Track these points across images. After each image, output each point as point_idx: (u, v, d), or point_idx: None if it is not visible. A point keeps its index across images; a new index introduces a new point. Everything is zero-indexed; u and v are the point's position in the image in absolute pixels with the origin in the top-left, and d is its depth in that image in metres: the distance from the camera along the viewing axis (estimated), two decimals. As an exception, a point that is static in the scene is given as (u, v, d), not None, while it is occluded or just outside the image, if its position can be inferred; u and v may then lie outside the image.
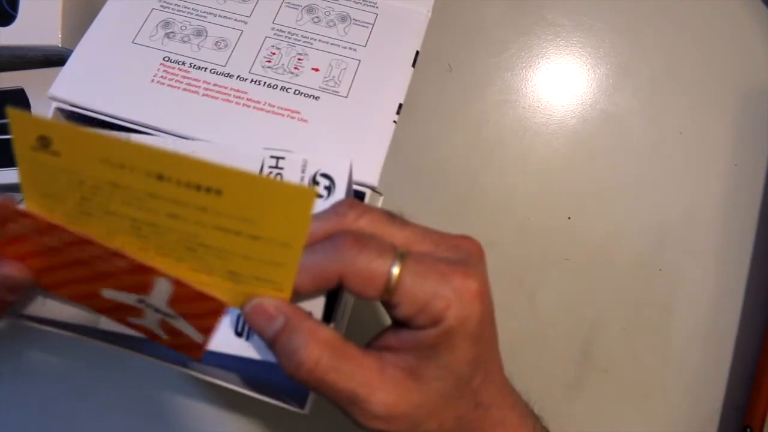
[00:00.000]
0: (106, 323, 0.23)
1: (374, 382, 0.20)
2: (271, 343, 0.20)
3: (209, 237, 0.19)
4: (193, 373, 0.25)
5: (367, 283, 0.19)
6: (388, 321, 0.22)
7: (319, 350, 0.20)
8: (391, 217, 0.21)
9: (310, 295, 0.21)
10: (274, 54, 0.28)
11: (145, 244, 0.19)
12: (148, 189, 0.18)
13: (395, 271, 0.19)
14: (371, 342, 0.22)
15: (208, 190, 0.17)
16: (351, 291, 0.20)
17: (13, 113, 0.16)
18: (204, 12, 0.29)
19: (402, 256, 0.19)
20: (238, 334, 0.22)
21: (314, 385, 0.20)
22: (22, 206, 0.19)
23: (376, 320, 0.36)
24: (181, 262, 0.20)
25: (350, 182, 0.23)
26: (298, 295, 0.21)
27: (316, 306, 0.21)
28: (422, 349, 0.20)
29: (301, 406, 0.25)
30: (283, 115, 0.27)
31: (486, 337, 0.21)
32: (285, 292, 0.20)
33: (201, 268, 0.20)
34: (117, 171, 0.17)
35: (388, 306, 0.20)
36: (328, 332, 0.20)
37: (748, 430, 0.36)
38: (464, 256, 0.21)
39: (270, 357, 0.21)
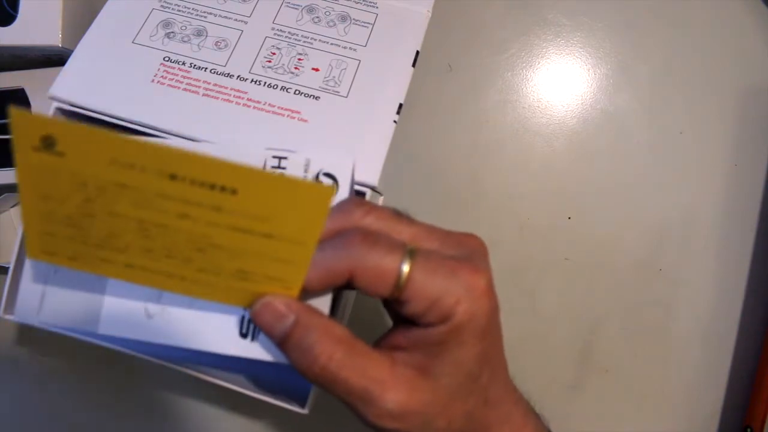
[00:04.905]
0: (105, 328, 0.23)
1: (386, 379, 0.20)
2: (282, 341, 0.20)
3: (221, 237, 0.18)
4: (194, 373, 0.25)
5: (378, 279, 0.19)
6: (388, 321, 0.22)
7: (333, 346, 0.19)
8: (398, 214, 0.21)
9: (319, 292, 0.21)
10: (274, 54, 0.28)
11: (151, 246, 0.19)
12: (158, 189, 0.17)
13: (405, 267, 0.19)
14: (378, 342, 0.22)
15: (223, 189, 0.17)
16: (361, 288, 0.20)
17: (15, 112, 0.15)
18: (204, 12, 0.29)
19: (411, 252, 0.19)
20: (243, 335, 0.22)
21: (327, 381, 0.20)
22: (17, 209, 0.19)
23: (376, 320, 0.36)
24: (189, 263, 0.19)
25: (353, 181, 0.23)
26: (306, 293, 0.21)
27: (322, 304, 0.21)
28: (431, 346, 0.20)
29: (302, 406, 0.25)
30: (283, 115, 0.27)
31: (493, 333, 0.21)
32: (294, 290, 0.20)
33: (209, 268, 0.19)
34: (126, 171, 0.17)
35: (397, 303, 0.20)
36: (340, 329, 0.20)
37: (748, 430, 0.36)
38: (469, 252, 0.21)
39: (277, 357, 0.21)
